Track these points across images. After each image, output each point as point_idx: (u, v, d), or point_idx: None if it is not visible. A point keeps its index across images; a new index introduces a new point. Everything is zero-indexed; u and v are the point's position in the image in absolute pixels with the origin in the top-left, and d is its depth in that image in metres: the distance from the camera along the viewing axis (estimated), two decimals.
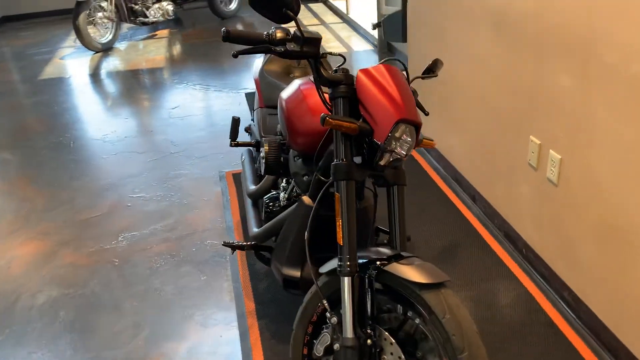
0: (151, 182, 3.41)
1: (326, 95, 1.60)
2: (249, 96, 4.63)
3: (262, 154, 2.15)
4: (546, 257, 2.28)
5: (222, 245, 2.22)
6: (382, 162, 1.58)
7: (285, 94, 1.94)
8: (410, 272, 1.46)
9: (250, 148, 2.77)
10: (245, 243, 2.16)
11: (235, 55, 1.49)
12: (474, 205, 2.89)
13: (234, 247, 2.15)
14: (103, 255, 2.74)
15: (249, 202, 2.47)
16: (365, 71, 1.58)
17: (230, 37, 1.49)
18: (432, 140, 1.81)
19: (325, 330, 1.57)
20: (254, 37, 1.52)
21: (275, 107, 2.44)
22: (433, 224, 2.76)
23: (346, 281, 1.51)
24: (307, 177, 1.92)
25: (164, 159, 3.68)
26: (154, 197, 3.24)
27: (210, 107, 4.52)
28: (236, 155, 3.67)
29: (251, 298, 2.36)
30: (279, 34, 1.52)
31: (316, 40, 1.54)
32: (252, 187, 2.43)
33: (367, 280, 1.53)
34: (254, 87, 3.09)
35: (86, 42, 6.10)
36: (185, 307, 2.36)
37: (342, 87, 1.57)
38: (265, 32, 1.53)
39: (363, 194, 1.93)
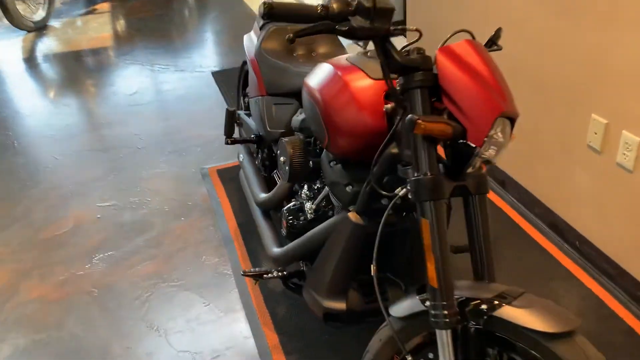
0: (120, 185, 2.90)
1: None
2: (218, 76, 4.11)
3: (282, 158, 1.72)
4: (612, 253, 1.98)
5: (242, 275, 1.80)
6: (471, 169, 1.21)
7: (316, 81, 1.51)
8: (531, 318, 1.12)
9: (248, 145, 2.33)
10: (271, 271, 1.75)
11: (291, 41, 1.06)
12: (504, 192, 2.56)
13: (257, 277, 1.74)
14: (77, 284, 2.26)
15: (258, 212, 2.04)
16: (446, 51, 1.18)
17: (273, 13, 1.06)
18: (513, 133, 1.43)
19: None
20: (305, 12, 1.09)
21: (282, 95, 2.00)
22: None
23: (445, 335, 1.15)
24: (350, 187, 1.51)
25: (132, 157, 3.17)
26: (128, 204, 2.74)
27: (175, 90, 3.98)
28: (217, 147, 3.19)
29: (272, 328, 1.96)
30: (336, 5, 1.09)
31: (388, 11, 1.12)
32: (262, 195, 2.00)
33: (470, 330, 1.16)
34: (224, 65, 2.62)
35: (15, 21, 5.35)
36: (193, 347, 1.93)
37: (419, 74, 1.17)
38: (319, 5, 1.09)
39: None
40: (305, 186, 1.80)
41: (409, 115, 1.10)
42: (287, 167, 1.67)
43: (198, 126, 3.45)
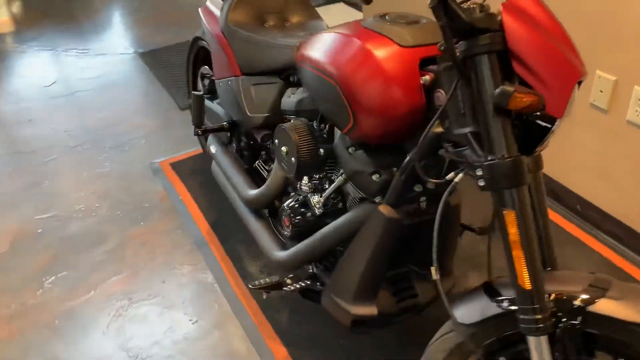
0: (58, 192, 2.50)
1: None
2: (148, 57, 3.69)
3: (283, 148, 1.47)
4: (621, 215, 1.91)
5: (251, 288, 1.54)
6: (543, 145, 1.05)
7: (329, 54, 1.26)
8: (633, 310, 0.97)
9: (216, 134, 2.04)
10: (283, 281, 1.52)
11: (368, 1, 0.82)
12: None
13: (270, 289, 1.49)
14: (30, 315, 1.90)
15: (246, 212, 1.78)
16: (512, 6, 0.99)
17: None
18: None
19: None
20: None
21: (261, 74, 1.73)
22: None
23: (540, 342, 0.98)
24: (377, 175, 1.30)
25: (66, 157, 2.75)
26: (72, 213, 2.37)
27: (101, 77, 3.54)
28: (163, 138, 2.85)
29: (277, 340, 1.73)
30: None
31: None
32: (252, 192, 1.74)
33: (567, 331, 1.01)
34: (152, 45, 2.30)
35: None
36: None
37: (486, 36, 0.96)
38: None
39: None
40: (305, 177, 1.56)
41: (501, 87, 0.90)
42: (292, 158, 1.42)
43: (136, 115, 3.07)
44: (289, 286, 1.53)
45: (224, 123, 1.96)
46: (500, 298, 1.08)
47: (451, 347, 1.15)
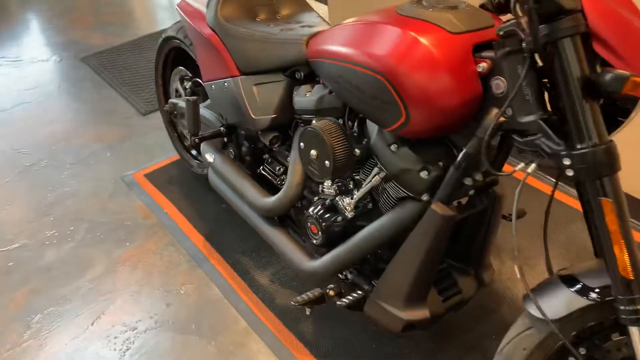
0: (25, 218, 2.26)
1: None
2: (93, 60, 3.42)
3: (313, 151, 1.36)
4: None
5: (294, 305, 1.43)
6: (619, 129, 1.02)
7: (369, 45, 1.17)
8: None
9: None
10: (326, 293, 1.42)
11: None
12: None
13: (314, 304, 1.40)
14: None
15: (264, 222, 1.66)
16: None
17: None
18: None
19: None
20: None
21: (263, 72, 1.60)
22: None
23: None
24: (426, 172, 1.22)
25: (23, 178, 2.49)
26: (45, 240, 2.14)
27: (41, 86, 3.23)
28: (130, 148, 2.64)
29: (307, 354, 1.63)
30: None
31: None
32: (267, 200, 1.62)
33: None
34: (95, 47, 2.13)
35: None
36: None
37: (570, 18, 0.91)
38: None
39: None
40: (328, 180, 1.47)
41: (614, 72, 0.85)
42: (326, 162, 1.32)
43: (94, 126, 2.83)
44: (332, 298, 1.44)
45: (220, 128, 1.81)
46: (586, 289, 1.04)
47: (533, 344, 1.11)
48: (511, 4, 0.97)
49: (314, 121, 1.38)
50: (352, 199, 1.42)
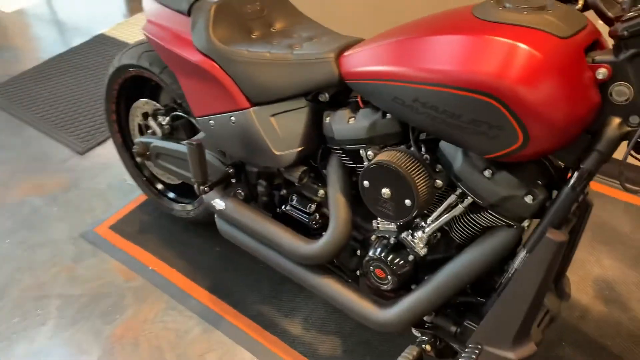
0: None
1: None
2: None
3: (384, 190, 1.16)
4: None
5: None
6: None
7: (460, 62, 0.98)
8: None
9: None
10: (423, 348, 1.23)
11: None
12: None
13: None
14: None
15: (310, 273, 1.43)
16: None
17: None
18: None
19: None
20: None
21: (279, 100, 1.36)
22: None
23: None
24: (532, 197, 1.07)
25: None
26: (11, 332, 1.75)
27: None
28: (77, 196, 2.24)
29: None
30: None
31: None
32: (310, 245, 1.39)
33: None
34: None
35: None
36: None
37: None
38: None
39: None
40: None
41: None
42: (407, 200, 1.12)
43: (26, 175, 2.38)
44: (430, 352, 1.26)
45: (228, 169, 1.54)
46: None
47: None
48: None
49: (379, 154, 1.17)
50: (423, 232, 1.24)
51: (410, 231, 1.27)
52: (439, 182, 1.16)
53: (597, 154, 0.99)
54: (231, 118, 1.42)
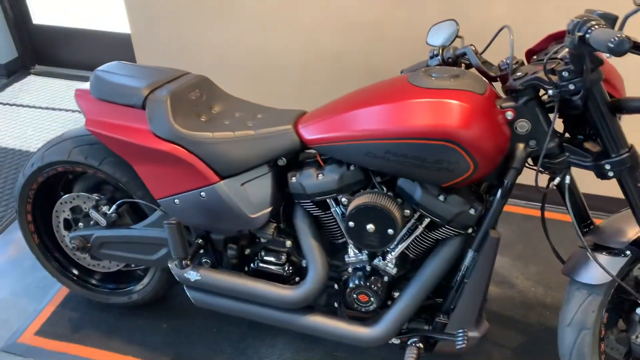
0: None
1: None
2: None
3: (370, 227, 1.43)
4: None
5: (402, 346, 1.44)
6: None
7: (424, 118, 1.31)
8: None
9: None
10: (418, 348, 1.52)
11: None
12: None
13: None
14: None
15: (295, 317, 1.62)
16: None
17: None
18: None
19: None
20: None
21: (245, 171, 1.56)
22: None
23: None
24: (474, 209, 1.44)
25: None
26: None
27: None
28: None
29: None
30: None
31: None
32: (297, 291, 1.59)
33: None
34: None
35: None
36: None
37: (599, 70, 1.28)
38: None
39: None
40: (350, 241, 1.55)
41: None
42: (389, 230, 1.41)
43: None
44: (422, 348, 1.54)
45: (197, 242, 1.65)
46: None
47: (597, 306, 1.46)
48: (544, 66, 1.28)
49: (355, 199, 1.45)
50: (392, 255, 1.54)
51: (380, 257, 1.56)
52: (407, 212, 1.48)
53: (513, 170, 1.39)
54: (201, 194, 1.56)
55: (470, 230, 1.50)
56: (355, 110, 1.42)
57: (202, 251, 1.69)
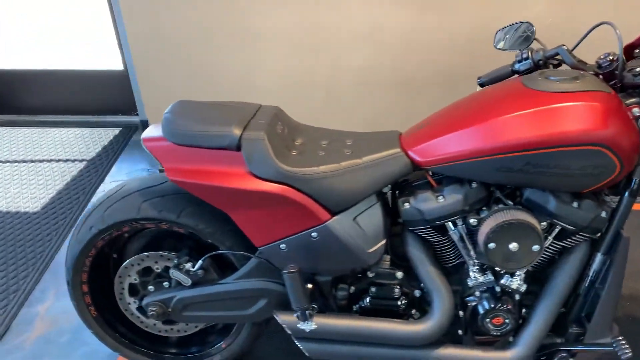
0: None
1: None
2: None
3: (513, 246, 1.34)
4: None
5: None
6: None
7: (567, 124, 1.24)
8: None
9: None
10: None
11: None
12: None
13: None
14: None
15: (433, 352, 1.50)
16: None
17: None
18: None
19: None
20: None
21: (353, 205, 1.43)
22: None
23: None
24: (605, 212, 1.39)
25: None
26: None
27: None
28: None
29: None
30: None
31: None
32: (428, 323, 1.48)
33: None
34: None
35: None
36: None
37: None
38: None
39: None
40: (471, 264, 1.46)
41: None
42: (536, 246, 1.33)
43: None
44: None
45: (309, 286, 1.49)
46: None
47: None
48: None
49: (489, 218, 1.36)
50: (521, 271, 1.46)
51: (507, 276, 1.48)
52: (543, 224, 1.40)
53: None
54: (312, 234, 1.42)
55: (599, 234, 1.45)
56: (480, 124, 1.34)
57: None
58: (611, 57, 1.41)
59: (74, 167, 3.00)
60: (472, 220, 1.42)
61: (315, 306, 1.55)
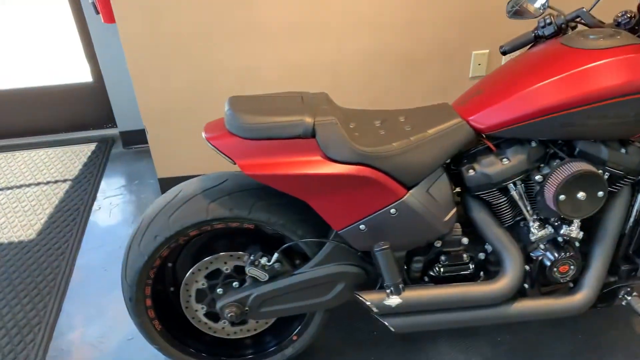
0: None
1: None
2: None
3: (581, 195, 1.43)
4: None
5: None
6: None
7: (617, 76, 1.35)
8: None
9: None
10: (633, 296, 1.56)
11: None
12: None
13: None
14: None
15: (507, 309, 1.59)
16: None
17: None
18: None
19: None
20: None
21: (421, 180, 1.48)
22: None
23: None
24: None
25: None
26: None
27: None
28: None
29: None
30: None
31: None
32: (501, 286, 1.56)
33: None
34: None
35: None
36: None
37: None
38: None
39: None
40: (531, 220, 1.55)
41: None
42: (600, 192, 1.43)
43: None
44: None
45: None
46: None
47: None
48: None
49: (554, 172, 1.44)
50: (577, 219, 1.57)
51: (565, 225, 1.58)
52: (599, 171, 1.51)
53: None
54: (391, 211, 1.45)
55: None
56: (536, 84, 1.42)
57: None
58: (629, 15, 1.53)
59: (58, 188, 2.84)
60: (538, 177, 1.50)
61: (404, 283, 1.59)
